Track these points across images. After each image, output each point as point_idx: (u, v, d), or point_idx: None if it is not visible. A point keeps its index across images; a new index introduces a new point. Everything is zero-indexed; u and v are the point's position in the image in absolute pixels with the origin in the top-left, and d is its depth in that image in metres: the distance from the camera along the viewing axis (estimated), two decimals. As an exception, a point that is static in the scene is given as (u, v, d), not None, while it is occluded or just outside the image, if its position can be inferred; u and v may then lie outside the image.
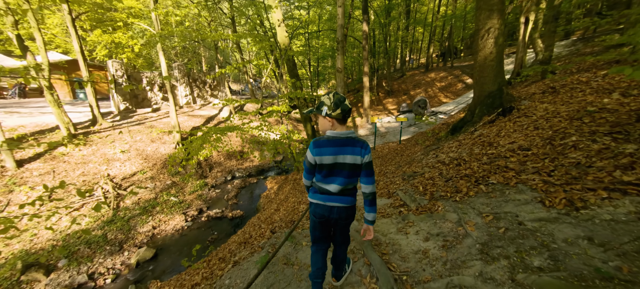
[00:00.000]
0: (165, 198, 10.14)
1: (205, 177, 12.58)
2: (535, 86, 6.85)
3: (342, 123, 1.67)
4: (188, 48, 23.85)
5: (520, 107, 4.94)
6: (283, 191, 9.56)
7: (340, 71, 7.25)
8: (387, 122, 18.23)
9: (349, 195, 1.77)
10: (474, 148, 4.37)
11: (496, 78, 5.85)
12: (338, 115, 1.60)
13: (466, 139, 5.31)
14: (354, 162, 1.64)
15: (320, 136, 1.75)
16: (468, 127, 6.01)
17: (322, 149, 1.66)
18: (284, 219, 5.20)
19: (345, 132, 1.66)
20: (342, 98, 1.64)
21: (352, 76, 34.73)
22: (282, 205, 7.45)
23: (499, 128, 4.70)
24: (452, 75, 22.74)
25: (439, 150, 5.64)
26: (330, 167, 1.67)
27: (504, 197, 2.64)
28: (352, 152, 1.63)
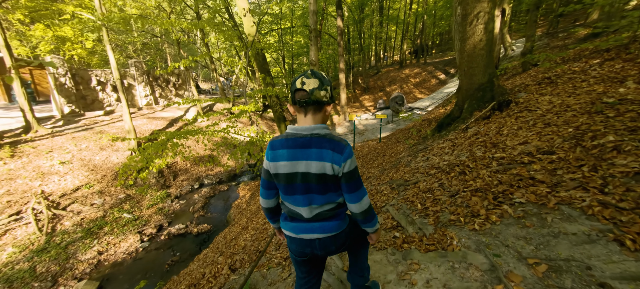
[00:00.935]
0: (117, 216, 8.60)
1: (167, 186, 11.07)
2: (521, 77, 6.36)
3: (303, 112, 1.14)
4: (150, 44, 21.66)
5: (518, 101, 4.31)
6: (255, 200, 8.44)
7: (314, 64, 6.29)
8: (365, 119, 17.61)
9: (331, 219, 1.22)
10: (474, 150, 3.61)
11: (487, 69, 5.21)
12: (290, 100, 1.15)
13: (459, 138, 4.60)
14: (323, 172, 1.10)
15: None
16: (458, 124, 5.32)
17: (276, 151, 1.17)
18: (249, 248, 4.15)
19: (309, 127, 1.12)
20: (306, 73, 1.11)
21: (328, 73, 33.96)
22: (251, 220, 6.37)
23: (499, 125, 4.00)
24: (426, 71, 22.69)
25: (429, 151, 4.88)
26: (287, 179, 1.16)
27: (548, 229, 1.83)
28: (318, 156, 1.10)
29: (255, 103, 7.76)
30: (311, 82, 1.08)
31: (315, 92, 1.07)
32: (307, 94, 1.07)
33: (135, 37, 18.27)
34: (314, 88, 1.07)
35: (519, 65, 8.57)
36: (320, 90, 1.08)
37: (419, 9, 25.39)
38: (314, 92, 1.07)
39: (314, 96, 1.07)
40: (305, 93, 1.08)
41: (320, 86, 1.09)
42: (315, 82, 1.08)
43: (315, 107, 1.11)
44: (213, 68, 17.58)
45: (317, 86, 1.08)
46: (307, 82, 1.08)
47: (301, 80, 1.09)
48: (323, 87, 1.10)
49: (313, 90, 1.07)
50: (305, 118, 1.13)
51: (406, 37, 28.87)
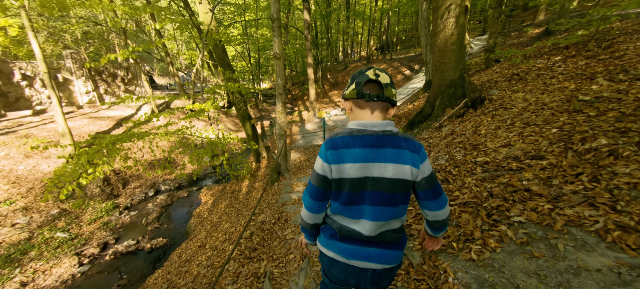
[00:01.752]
0: (48, 236, 7.20)
1: (115, 196, 9.66)
2: (487, 74, 6.35)
3: (369, 108, 0.93)
4: (92, 33, 19.08)
5: (491, 98, 4.14)
6: (218, 208, 7.61)
7: (278, 57, 5.64)
8: (334, 114, 17.27)
9: (394, 245, 0.99)
10: (453, 152, 3.31)
11: (458, 64, 5.00)
12: (352, 93, 0.93)
13: (433, 137, 4.32)
14: (402, 177, 0.90)
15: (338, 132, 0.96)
16: (430, 122, 5.07)
17: (341, 150, 0.91)
18: (201, 279, 3.45)
19: (380, 122, 0.92)
20: (371, 67, 0.92)
21: (296, 68, 33.14)
22: (211, 235, 5.60)
23: (474, 124, 3.77)
24: (392, 67, 23.01)
25: (403, 152, 4.56)
26: (354, 185, 0.90)
27: (563, 262, 1.48)
28: (395, 158, 0.89)
29: (213, 100, 6.89)
30: (385, 76, 0.92)
31: (389, 88, 0.91)
32: (381, 87, 0.91)
33: (74, 24, 15.82)
34: (388, 83, 0.92)
35: (481, 61, 8.71)
36: (392, 87, 0.93)
37: (384, 5, 25.62)
38: (388, 88, 0.91)
39: (388, 92, 0.91)
40: (379, 86, 0.91)
41: (392, 83, 0.93)
42: (387, 77, 0.93)
43: (384, 106, 0.94)
44: (169, 61, 15.85)
45: (390, 82, 0.93)
46: (382, 75, 0.91)
47: (375, 71, 0.91)
48: (394, 85, 0.94)
49: (387, 85, 0.91)
50: (371, 116, 0.94)
51: (372, 33, 29.08)
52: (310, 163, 8.77)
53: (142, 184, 10.44)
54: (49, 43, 16.96)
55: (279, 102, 6.23)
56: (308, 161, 8.88)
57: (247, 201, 6.64)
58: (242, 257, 3.24)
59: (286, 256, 2.91)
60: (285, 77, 6.18)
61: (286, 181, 6.61)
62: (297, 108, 22.49)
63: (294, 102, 25.25)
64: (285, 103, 6.37)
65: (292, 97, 26.46)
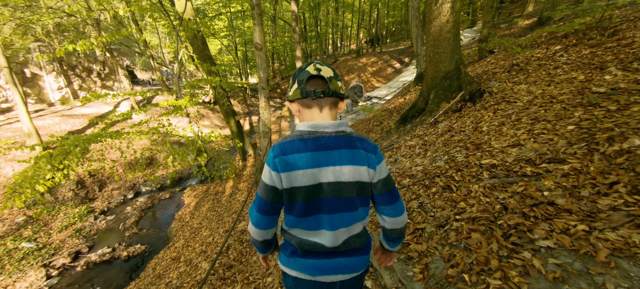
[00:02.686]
0: (11, 247, 6.53)
1: (91, 200, 8.97)
2: (481, 65, 6.00)
3: (317, 106, 0.84)
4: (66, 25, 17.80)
5: (491, 90, 3.76)
6: (200, 211, 7.07)
7: (259, 48, 5.11)
8: (324, 109, 16.83)
9: (360, 251, 0.93)
10: (453, 153, 2.92)
11: (453, 54, 4.60)
12: (296, 93, 0.84)
13: (429, 134, 3.93)
14: (359, 179, 0.83)
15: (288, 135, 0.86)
16: (425, 117, 4.68)
17: (291, 156, 0.81)
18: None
19: (333, 122, 0.84)
20: (311, 62, 0.84)
21: (286, 62, 32.34)
22: (188, 246, 5.10)
23: (475, 120, 3.38)
24: (382, 60, 22.62)
25: (396, 150, 4.15)
26: (308, 194, 0.82)
27: (621, 312, 1.09)
28: (351, 159, 0.82)
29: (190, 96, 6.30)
30: (327, 69, 0.82)
31: (333, 82, 0.82)
32: (325, 82, 0.81)
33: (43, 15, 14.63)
34: (332, 77, 0.82)
35: (474, 53, 8.39)
36: (337, 80, 0.84)
37: (374, -3, 25.04)
38: (332, 81, 0.82)
39: (333, 86, 0.82)
40: (323, 81, 0.81)
41: (336, 76, 0.84)
42: (329, 70, 0.83)
43: (333, 101, 0.84)
44: (149, 55, 14.91)
45: (333, 74, 0.83)
46: (324, 69, 0.82)
47: (315, 66, 0.82)
48: (339, 77, 0.85)
49: (331, 78, 0.81)
50: (321, 113, 0.84)
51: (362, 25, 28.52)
52: (298, 161, 8.32)
53: (121, 186, 9.75)
54: (17, 35, 15.68)
55: (262, 96, 5.71)
56: (296, 159, 8.42)
57: (229, 204, 6.15)
58: (215, 278, 2.80)
59: (263, 279, 2.48)
60: (268, 70, 5.66)
61: (272, 182, 6.18)
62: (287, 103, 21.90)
63: (283, 96, 24.60)
64: (269, 98, 5.86)
65: (282, 92, 25.79)
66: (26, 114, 8.51)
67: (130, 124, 11.56)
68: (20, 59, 11.12)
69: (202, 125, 15.69)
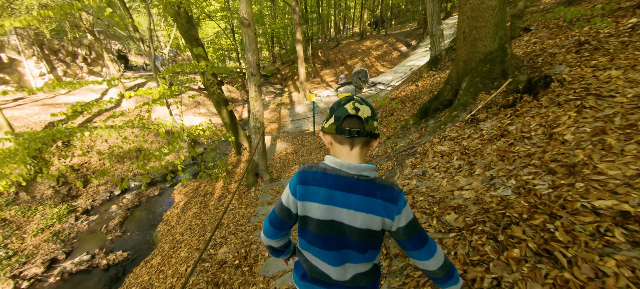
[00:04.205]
0: (-25, 255, 5.72)
1: (73, 197, 8.11)
2: (520, 45, 4.81)
3: (349, 144, 0.81)
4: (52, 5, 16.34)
5: (561, 78, 2.67)
6: (186, 215, 6.16)
7: (246, 24, 3.98)
8: (326, 96, 15.62)
9: (367, 286, 0.91)
10: (522, 174, 1.88)
11: (497, 30, 3.46)
12: (331, 127, 0.81)
13: (468, 137, 2.87)
14: (371, 228, 0.80)
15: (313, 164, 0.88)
16: (455, 112, 3.60)
17: (311, 187, 0.83)
18: None
19: (357, 165, 0.80)
20: (349, 99, 0.79)
21: (286, 45, 30.68)
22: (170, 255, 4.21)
23: (545, 121, 2.30)
24: (387, 43, 21.09)
25: (422, 158, 3.11)
26: (320, 228, 0.83)
27: None
28: (366, 207, 0.79)
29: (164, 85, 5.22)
30: (365, 109, 0.79)
31: (370, 122, 0.78)
32: (362, 123, 0.77)
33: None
34: (369, 117, 0.78)
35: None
36: (374, 120, 0.80)
37: (379, -26, 23.09)
38: (369, 121, 0.78)
39: (369, 127, 0.78)
40: (359, 122, 0.78)
41: (373, 115, 0.80)
42: (368, 110, 0.79)
43: (366, 141, 0.81)
44: (139, 38, 13.63)
45: (371, 114, 0.79)
46: (362, 108, 0.78)
47: (354, 105, 0.78)
48: (375, 117, 0.81)
49: (368, 119, 0.78)
50: (351, 152, 0.81)
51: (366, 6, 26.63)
52: (298, 156, 7.31)
53: (106, 181, 8.86)
54: (33, 19, 14.32)
55: (251, 84, 4.62)
56: (295, 154, 7.41)
57: (217, 211, 5.22)
58: None
59: None
60: (258, 53, 4.54)
61: (266, 185, 5.17)
62: (288, 89, 20.63)
63: (284, 82, 23.30)
64: (260, 86, 4.77)
65: (282, 77, 24.46)
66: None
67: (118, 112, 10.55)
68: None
69: (197, 114, 14.62)
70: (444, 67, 8.02)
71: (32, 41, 10.74)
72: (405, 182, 2.86)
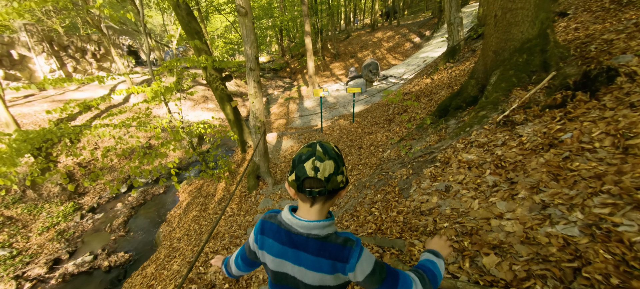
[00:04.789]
0: (-20, 255, 5.66)
1: (80, 195, 8.04)
2: (558, 31, 4.11)
3: (307, 202, 0.75)
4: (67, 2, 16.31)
5: (630, 71, 2.07)
6: (187, 217, 5.88)
7: (243, 13, 3.52)
8: (335, 90, 15.03)
9: None
10: (591, 205, 1.36)
11: (537, 12, 2.83)
12: (292, 183, 0.74)
13: (502, 144, 2.33)
14: (323, 284, 0.76)
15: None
16: (483, 112, 3.02)
17: (266, 238, 0.82)
18: None
19: (307, 224, 0.75)
20: (314, 149, 0.71)
21: (295, 38, 30.05)
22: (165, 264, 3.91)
23: (614, 128, 1.75)
24: (399, 34, 20.11)
25: (443, 167, 2.59)
26: (276, 278, 0.83)
27: None
28: (316, 265, 0.74)
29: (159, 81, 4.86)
30: (327, 166, 0.69)
31: (332, 180, 0.70)
32: (322, 183, 0.69)
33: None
34: (331, 174, 0.69)
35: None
36: (337, 175, 0.71)
37: (392, -38, 21.95)
38: (331, 179, 0.70)
39: (331, 185, 0.71)
40: (320, 183, 0.69)
41: (337, 169, 0.71)
42: (331, 165, 0.70)
43: (328, 197, 0.74)
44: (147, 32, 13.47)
45: (334, 170, 0.70)
46: (322, 166, 0.69)
47: (312, 163, 0.69)
48: (340, 169, 0.72)
49: (330, 177, 0.69)
50: (310, 209, 0.75)
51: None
52: (304, 155, 6.88)
53: (113, 178, 8.76)
54: (13, 11, 14.40)
55: (250, 79, 4.18)
56: (301, 152, 6.98)
57: (216, 215, 4.88)
58: None
59: None
60: (257, 46, 4.07)
61: (267, 189, 4.77)
62: (296, 83, 20.14)
63: (293, 75, 22.82)
64: (260, 81, 4.32)
65: (291, 71, 23.98)
66: (1, 101, 7.45)
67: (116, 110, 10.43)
68: (5, 40, 10.00)
69: (205, 109, 14.41)
70: (463, 58, 7.31)
71: (41, 38, 10.71)
72: (423, 198, 2.36)
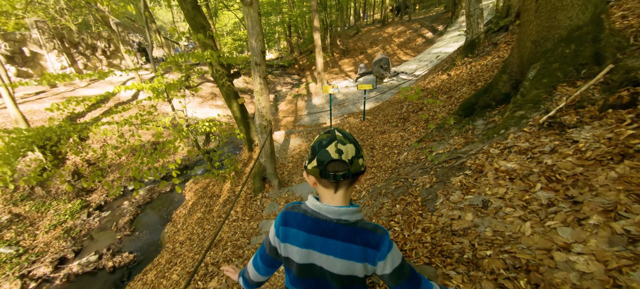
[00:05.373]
0: (-13, 253, 5.61)
1: (88, 191, 7.97)
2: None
3: (333, 187, 0.73)
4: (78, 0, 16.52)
5: None
6: (192, 218, 5.65)
7: (248, 2, 3.18)
8: (344, 86, 14.61)
9: None
10: None
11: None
12: (314, 171, 0.71)
13: (551, 151, 1.92)
14: (352, 274, 0.73)
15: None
16: (521, 111, 2.60)
17: (291, 230, 0.78)
18: None
19: (336, 209, 0.73)
20: (334, 135, 0.70)
21: (304, 34, 29.62)
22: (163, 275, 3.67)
23: None
24: (411, 29, 19.43)
25: (478, 177, 2.20)
26: (300, 271, 0.78)
27: None
28: (345, 253, 0.71)
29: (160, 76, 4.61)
30: (349, 149, 0.69)
31: (355, 162, 0.69)
32: (346, 166, 0.68)
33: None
34: (354, 157, 0.69)
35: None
36: (358, 158, 0.70)
37: (403, -46, 21.19)
38: (354, 161, 0.69)
39: (355, 167, 0.70)
40: (344, 165, 0.68)
41: (358, 153, 0.71)
42: (352, 148, 0.69)
43: (351, 181, 0.73)
44: (155, 29, 13.36)
45: (355, 153, 0.70)
46: (345, 149, 0.68)
47: (336, 146, 0.68)
48: (360, 153, 0.72)
49: (353, 159, 0.69)
50: (335, 195, 0.73)
51: (388, -10, 24.70)
52: (312, 155, 6.56)
53: (117, 177, 8.66)
54: (33, 9, 14.58)
55: (256, 75, 3.86)
56: (310, 152, 6.65)
57: (220, 219, 4.61)
58: None
59: None
60: (263, 38, 3.73)
61: (274, 192, 4.47)
62: (305, 80, 19.79)
63: (301, 72, 22.47)
64: (266, 77, 3.99)
65: (300, 68, 23.64)
66: (9, 98, 7.41)
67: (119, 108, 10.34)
68: (18, 37, 10.03)
69: (214, 106, 14.25)
70: (483, 53, 6.78)
71: (52, 35, 10.71)
72: (453, 213, 1.98)
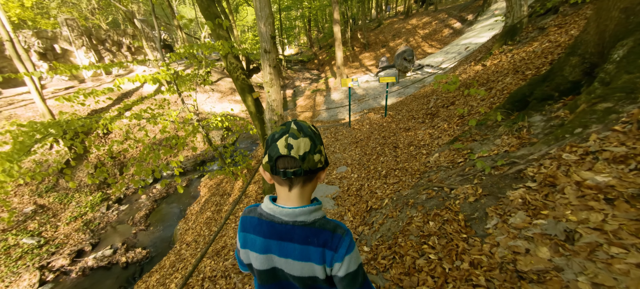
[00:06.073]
0: (12, 242, 5.74)
1: (109, 185, 8.09)
2: None
3: (286, 185, 0.66)
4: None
5: None
6: (202, 217, 5.41)
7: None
8: (365, 81, 13.90)
9: None
10: None
11: None
12: (266, 166, 0.65)
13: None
14: (311, 275, 0.67)
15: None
16: (604, 105, 1.91)
17: (248, 235, 0.72)
18: None
19: (291, 211, 0.66)
20: (289, 127, 0.64)
21: (324, 29, 29.03)
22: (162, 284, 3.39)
23: None
24: (437, 20, 18.15)
25: (549, 193, 1.58)
26: (263, 278, 0.73)
27: None
28: (303, 255, 0.66)
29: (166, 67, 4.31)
30: (301, 143, 0.62)
31: (308, 158, 0.62)
32: (297, 162, 0.61)
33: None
34: (307, 152, 0.62)
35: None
36: (314, 153, 0.63)
37: (430, -60, 19.82)
38: (307, 157, 0.62)
39: (308, 164, 0.62)
40: (294, 161, 0.61)
41: (313, 147, 0.63)
42: (306, 142, 0.62)
43: (306, 179, 0.65)
44: (177, 25, 13.49)
45: (310, 148, 0.63)
46: (296, 144, 0.61)
47: (285, 141, 0.61)
48: (317, 148, 0.64)
49: (306, 155, 0.62)
50: (289, 193, 0.67)
51: (412, -20, 23.34)
52: (329, 152, 6.05)
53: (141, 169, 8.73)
54: (66, 8, 15.24)
55: (265, 64, 3.43)
56: (327, 149, 6.15)
57: (227, 220, 4.28)
58: None
59: None
60: (273, 24, 3.28)
61: (285, 194, 4.09)
62: (324, 74, 19.25)
63: (321, 67, 21.95)
64: (276, 66, 3.56)
65: (319, 63, 23.12)
66: (37, 93, 7.66)
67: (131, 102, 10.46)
68: (49, 35, 10.48)
69: (232, 101, 14.17)
70: (527, 39, 5.86)
71: (81, 32, 11.08)
72: (516, 244, 1.40)
